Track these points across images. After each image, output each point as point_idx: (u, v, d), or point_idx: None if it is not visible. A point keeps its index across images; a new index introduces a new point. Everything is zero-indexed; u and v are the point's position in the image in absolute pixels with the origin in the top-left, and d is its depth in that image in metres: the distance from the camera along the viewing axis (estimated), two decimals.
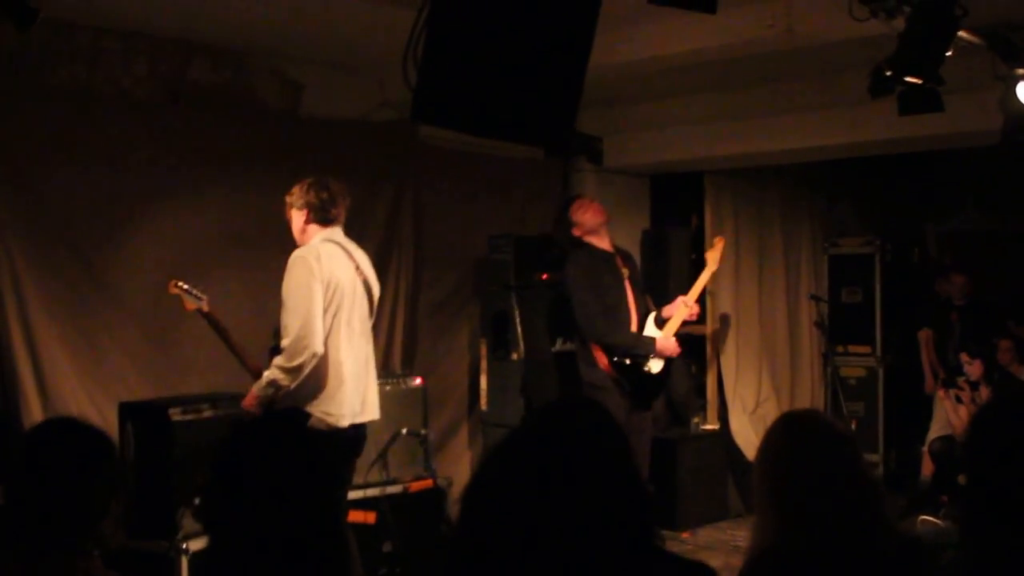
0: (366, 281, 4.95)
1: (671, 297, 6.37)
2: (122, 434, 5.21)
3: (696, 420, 7.96)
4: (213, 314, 4.97)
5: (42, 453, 2.51)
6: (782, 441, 2.33)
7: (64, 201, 5.61)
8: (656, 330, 6.10)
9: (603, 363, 5.94)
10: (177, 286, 4.95)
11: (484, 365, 7.33)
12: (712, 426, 8.12)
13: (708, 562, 1.96)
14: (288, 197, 4.90)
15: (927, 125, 5.54)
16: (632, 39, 5.82)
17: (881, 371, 8.86)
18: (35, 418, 5.27)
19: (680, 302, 6.12)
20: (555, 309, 6.82)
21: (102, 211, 5.74)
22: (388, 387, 6.15)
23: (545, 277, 7.14)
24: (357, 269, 4.90)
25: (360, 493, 5.67)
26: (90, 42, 5.78)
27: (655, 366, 6.01)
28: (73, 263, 5.65)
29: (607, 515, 1.58)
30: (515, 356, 7.14)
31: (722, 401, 8.32)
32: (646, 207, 8.64)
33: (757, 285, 8.66)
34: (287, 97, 6.66)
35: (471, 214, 7.51)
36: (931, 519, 6.87)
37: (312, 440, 2.25)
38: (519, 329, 7.11)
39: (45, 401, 5.44)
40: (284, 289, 4.67)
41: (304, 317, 4.57)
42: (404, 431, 6.03)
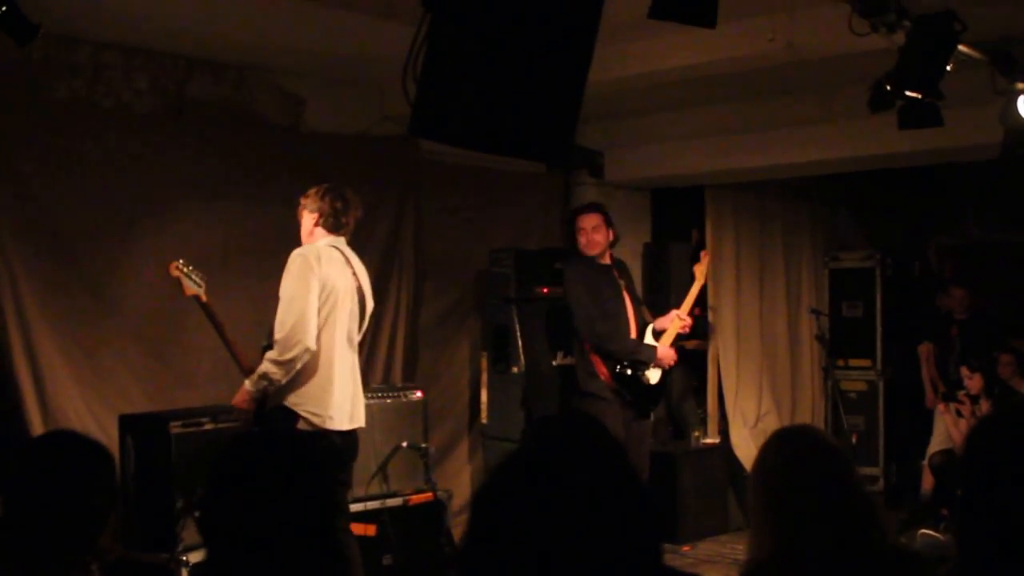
0: (361, 292, 4.96)
1: (672, 308, 6.40)
2: (122, 447, 5.21)
3: (697, 434, 7.96)
4: (211, 305, 4.96)
5: (41, 465, 2.51)
6: (776, 457, 2.34)
7: (65, 215, 5.61)
8: (655, 342, 6.13)
9: (603, 373, 5.96)
10: (178, 267, 4.90)
11: (485, 378, 7.33)
12: (713, 440, 8.11)
13: None
14: (304, 199, 4.95)
15: (927, 139, 5.55)
16: (633, 53, 5.84)
17: (882, 385, 8.86)
18: (35, 430, 5.27)
19: (673, 315, 6.16)
20: (554, 322, 6.83)
21: (102, 225, 5.74)
22: (389, 400, 6.16)
23: (546, 291, 7.15)
24: (355, 277, 4.92)
25: (360, 506, 5.67)
26: (91, 57, 5.80)
27: (653, 376, 6.05)
28: (73, 276, 5.65)
29: (615, 531, 1.58)
30: (516, 370, 7.14)
31: (723, 415, 8.31)
32: (647, 221, 8.66)
33: (758, 299, 8.66)
34: (288, 111, 6.67)
35: (472, 228, 7.52)
36: (931, 533, 6.85)
37: (308, 451, 2.25)
38: (520, 343, 7.12)
39: (45, 413, 5.43)
40: (282, 285, 4.70)
41: (299, 311, 4.59)
42: (404, 444, 6.03)
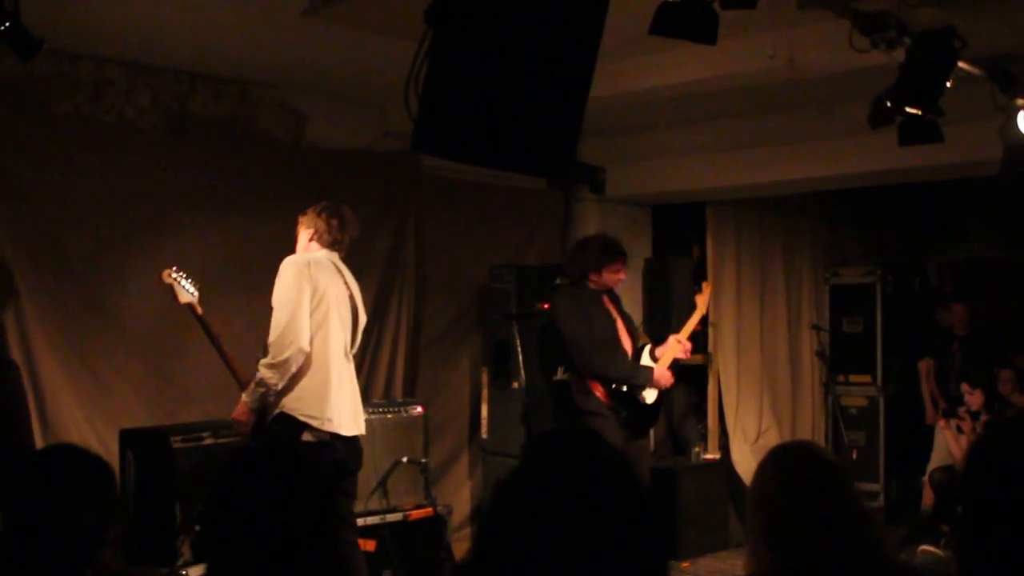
0: (353, 302, 4.97)
1: (672, 325, 6.38)
2: (123, 461, 5.21)
3: (697, 450, 7.94)
4: (205, 316, 4.96)
5: (41, 479, 2.51)
6: (774, 472, 2.34)
7: (66, 229, 5.63)
8: (652, 363, 6.12)
9: (599, 392, 5.95)
10: (171, 275, 4.92)
11: (485, 394, 7.32)
12: (713, 456, 8.10)
13: None
14: (301, 216, 4.98)
15: (927, 155, 5.56)
16: (634, 69, 5.86)
17: (882, 401, 8.84)
18: (35, 445, 5.26)
19: (672, 340, 6.14)
20: (551, 339, 6.81)
21: (104, 240, 5.76)
22: (389, 415, 6.15)
23: (547, 306, 7.14)
24: (346, 287, 4.93)
25: (360, 521, 5.65)
26: (93, 72, 5.83)
27: (649, 396, 6.04)
28: (74, 291, 5.66)
29: (621, 547, 1.57)
30: (516, 385, 7.13)
31: (723, 430, 8.30)
32: (648, 236, 8.66)
33: (758, 314, 8.66)
34: (290, 127, 6.69)
35: (473, 243, 7.53)
36: (932, 549, 6.84)
37: (309, 465, 2.25)
38: (520, 358, 7.11)
39: (45, 428, 5.44)
40: (274, 291, 4.72)
41: (290, 313, 4.61)
42: (404, 459, 6.02)
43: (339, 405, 4.77)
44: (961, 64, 4.64)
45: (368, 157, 6.96)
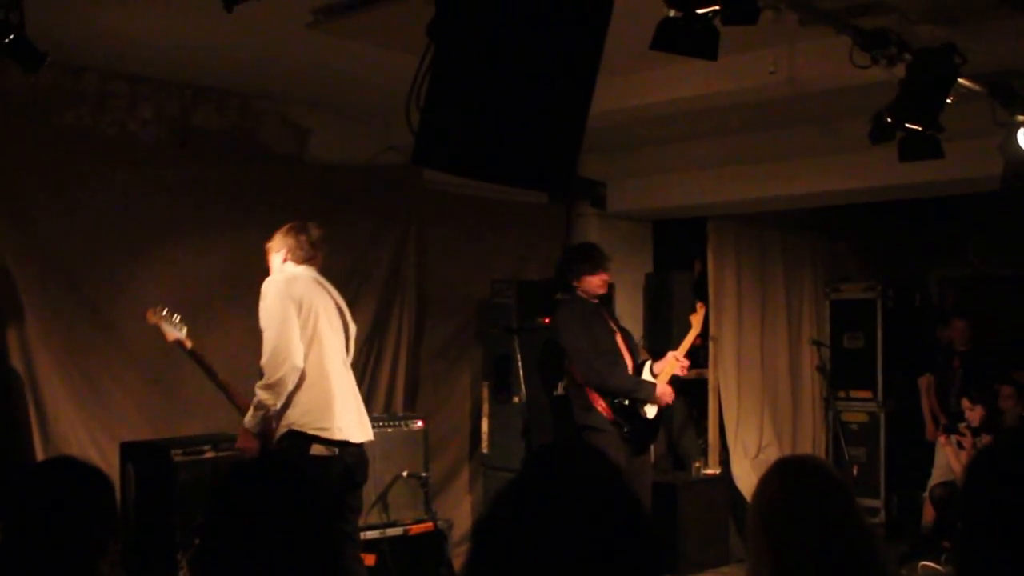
0: (341, 310, 4.98)
1: (673, 339, 6.39)
2: (123, 474, 5.21)
3: (697, 465, 7.93)
4: (197, 349, 4.97)
5: (40, 492, 2.51)
6: (777, 486, 2.33)
7: (67, 242, 5.64)
8: (653, 379, 6.14)
9: (601, 406, 5.95)
10: (155, 314, 4.94)
11: (486, 408, 7.32)
12: (713, 471, 8.08)
13: None
14: (268, 243, 4.98)
15: (927, 171, 5.56)
16: (634, 85, 5.87)
17: (883, 416, 8.82)
18: (36, 457, 5.26)
19: (671, 357, 6.16)
20: (552, 353, 6.81)
21: (105, 252, 5.76)
22: (390, 429, 6.15)
23: (547, 321, 7.15)
24: (331, 297, 4.95)
25: (360, 535, 5.64)
26: (96, 85, 5.85)
27: (650, 411, 6.05)
28: (76, 304, 5.66)
29: (615, 562, 1.57)
30: (517, 399, 7.13)
31: (724, 446, 8.29)
32: (649, 251, 8.67)
33: (759, 329, 8.66)
34: (292, 141, 6.71)
35: (474, 257, 7.53)
36: (932, 565, 6.83)
37: (310, 478, 2.24)
38: (521, 372, 7.11)
39: (46, 441, 5.43)
40: (260, 314, 4.73)
41: (278, 332, 4.62)
42: (405, 473, 6.02)
43: (345, 413, 4.79)
44: (961, 80, 4.65)
45: (370, 171, 6.97)
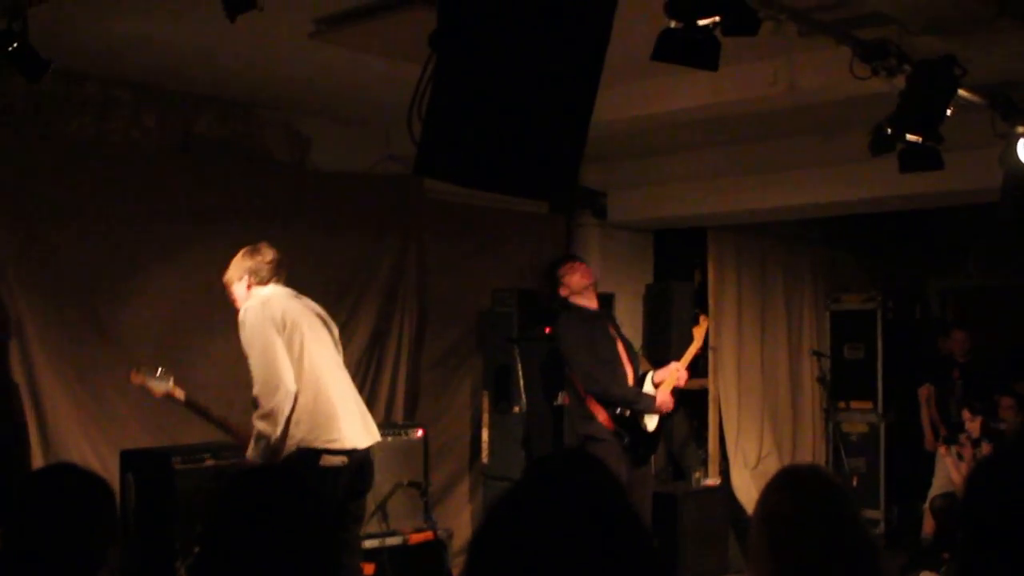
0: (319, 315, 4.96)
1: (673, 349, 6.39)
2: (123, 482, 5.20)
3: (697, 475, 7.92)
4: (187, 396, 4.98)
5: (40, 499, 2.51)
6: (782, 494, 2.33)
7: (69, 249, 5.63)
8: (654, 390, 6.14)
9: (602, 417, 5.95)
10: (137, 375, 4.94)
11: (486, 418, 7.31)
12: (713, 481, 8.07)
13: None
14: (225, 278, 4.91)
15: (927, 182, 5.58)
16: (635, 95, 5.88)
17: (883, 427, 8.82)
18: (36, 464, 5.26)
19: (673, 367, 6.17)
20: (553, 363, 6.82)
21: (107, 260, 5.76)
22: (390, 438, 6.14)
23: (548, 331, 7.15)
24: (307, 306, 4.92)
25: (360, 544, 5.63)
26: (100, 93, 5.85)
27: (651, 423, 6.04)
28: (77, 311, 5.66)
29: (613, 572, 1.57)
30: (517, 409, 7.12)
31: (724, 456, 8.28)
32: (649, 261, 8.67)
33: (759, 340, 8.66)
34: (294, 150, 6.72)
35: (475, 267, 7.53)
36: None
37: (310, 487, 2.25)
38: (521, 382, 7.10)
39: (47, 448, 5.43)
40: (243, 344, 4.69)
41: (266, 359, 4.60)
42: (405, 483, 6.01)
43: (350, 420, 4.79)
44: (961, 92, 4.66)
45: (371, 180, 6.98)
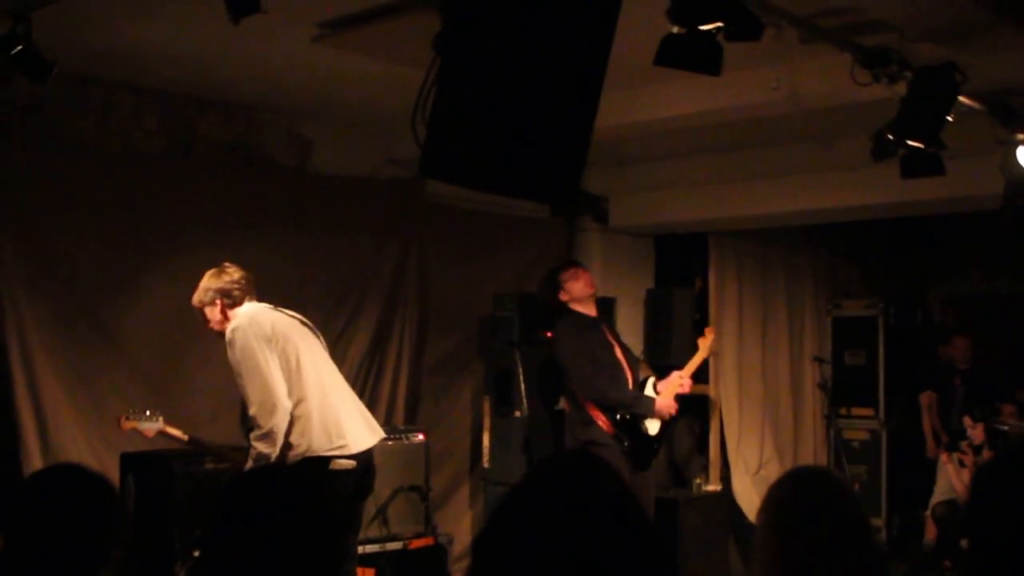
0: (302, 321, 4.95)
1: (673, 355, 6.38)
2: (123, 485, 5.20)
3: (698, 481, 7.91)
4: (182, 432, 4.98)
5: (43, 498, 2.50)
6: (791, 494, 2.31)
7: (70, 251, 5.64)
8: (655, 394, 6.13)
9: (601, 420, 5.95)
10: (127, 420, 4.91)
11: (487, 423, 7.30)
12: (714, 487, 8.06)
13: None
14: (198, 304, 4.85)
15: (929, 189, 5.58)
16: (638, 100, 5.89)
17: (884, 434, 8.81)
18: (35, 467, 5.25)
19: (675, 376, 6.16)
20: (551, 368, 6.81)
21: (108, 263, 5.76)
22: (390, 443, 6.13)
23: (550, 335, 7.14)
24: (287, 314, 4.91)
25: (360, 549, 5.62)
26: (102, 96, 5.86)
27: (652, 427, 6.03)
28: (78, 313, 5.66)
29: (619, 569, 1.57)
30: (518, 414, 7.11)
31: (724, 462, 8.27)
32: (650, 266, 8.67)
33: (760, 346, 8.66)
34: (296, 153, 6.73)
35: (476, 271, 7.53)
36: None
37: (313, 490, 2.24)
38: (522, 387, 7.09)
39: (47, 450, 5.43)
40: (234, 364, 4.66)
41: (261, 381, 4.57)
42: (405, 487, 6.00)
43: (353, 423, 4.80)
44: (962, 98, 4.66)
45: (372, 184, 6.99)
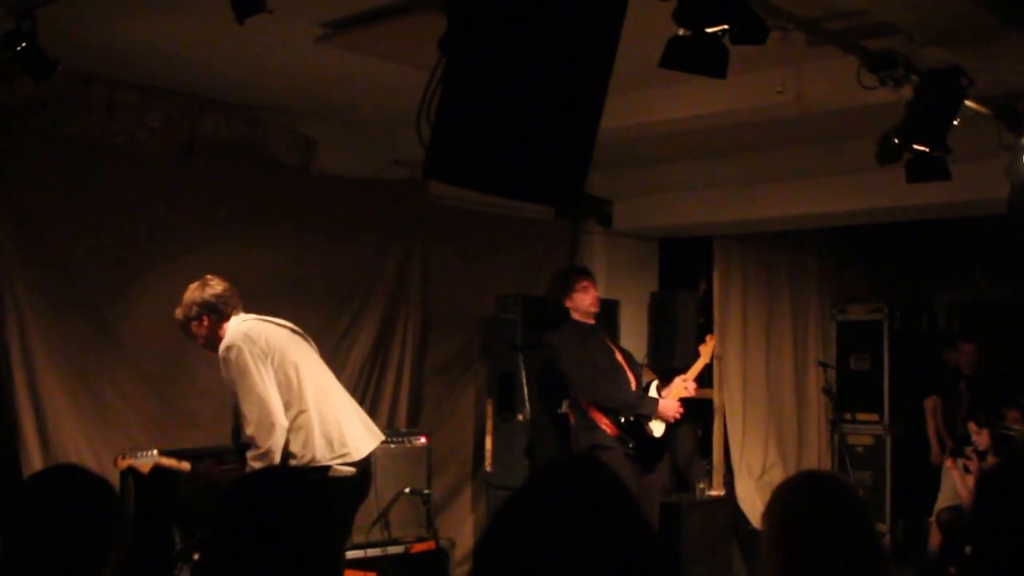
0: (296, 332, 4.94)
1: (677, 359, 6.37)
2: (123, 486, 5.18)
3: (701, 486, 7.89)
4: (176, 462, 4.96)
5: (42, 499, 2.49)
6: (798, 497, 2.30)
7: (72, 250, 5.63)
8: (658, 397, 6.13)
9: (605, 424, 5.94)
10: (123, 460, 4.91)
11: (489, 426, 7.28)
12: (717, 492, 8.04)
13: None
14: (179, 316, 4.82)
15: (934, 193, 5.57)
16: (642, 102, 5.88)
17: (889, 439, 8.79)
18: (35, 467, 5.24)
19: (678, 380, 6.16)
20: (551, 372, 6.78)
21: (110, 261, 5.75)
22: (393, 445, 6.12)
23: (548, 338, 7.13)
24: (278, 324, 4.90)
25: (361, 553, 5.61)
26: (105, 94, 5.86)
27: (657, 429, 6.02)
28: (80, 313, 5.65)
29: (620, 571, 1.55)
30: (521, 417, 7.09)
31: (728, 467, 8.25)
32: (655, 270, 8.66)
33: (765, 350, 8.64)
34: (300, 153, 6.72)
35: (479, 274, 7.52)
36: None
37: (315, 493, 2.23)
38: (525, 390, 7.07)
39: (46, 451, 5.41)
40: (228, 382, 4.65)
41: (259, 399, 4.56)
42: (407, 490, 5.97)
43: (355, 430, 4.80)
44: (968, 103, 4.64)
45: (376, 185, 6.97)
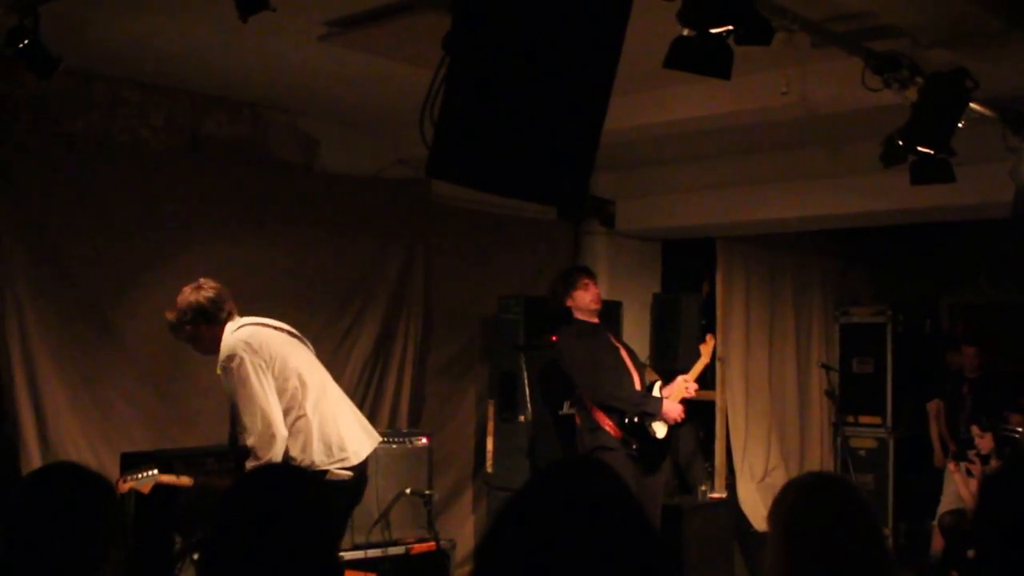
0: (293, 334, 4.92)
1: (680, 360, 6.37)
2: (124, 502, 5.17)
3: (703, 488, 7.88)
4: (174, 478, 4.92)
5: (41, 498, 2.48)
6: (804, 499, 2.29)
7: (75, 248, 5.63)
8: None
9: (608, 424, 5.93)
10: (124, 482, 4.85)
11: (491, 427, 7.27)
12: (719, 494, 8.03)
13: None
14: (171, 320, 4.75)
15: (939, 196, 5.55)
16: (646, 103, 5.87)
17: (892, 443, 8.77)
18: (34, 465, 5.23)
19: (680, 380, 6.15)
20: (553, 373, 6.78)
21: (112, 260, 5.75)
22: (394, 446, 6.11)
23: (555, 339, 7.12)
24: (276, 328, 4.86)
25: (361, 553, 5.60)
26: (108, 92, 5.85)
27: (660, 430, 6.01)
28: (81, 311, 5.65)
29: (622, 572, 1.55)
30: (522, 418, 7.08)
31: (730, 469, 8.24)
32: (657, 271, 8.65)
33: (767, 352, 8.63)
34: (302, 152, 6.72)
35: (482, 273, 7.52)
36: None
37: (316, 493, 2.22)
38: (527, 391, 7.07)
39: (46, 449, 5.41)
40: (229, 392, 4.62)
41: (260, 410, 4.53)
42: (408, 491, 5.96)
43: (353, 433, 4.79)
44: (973, 105, 4.63)
45: (379, 184, 6.97)
